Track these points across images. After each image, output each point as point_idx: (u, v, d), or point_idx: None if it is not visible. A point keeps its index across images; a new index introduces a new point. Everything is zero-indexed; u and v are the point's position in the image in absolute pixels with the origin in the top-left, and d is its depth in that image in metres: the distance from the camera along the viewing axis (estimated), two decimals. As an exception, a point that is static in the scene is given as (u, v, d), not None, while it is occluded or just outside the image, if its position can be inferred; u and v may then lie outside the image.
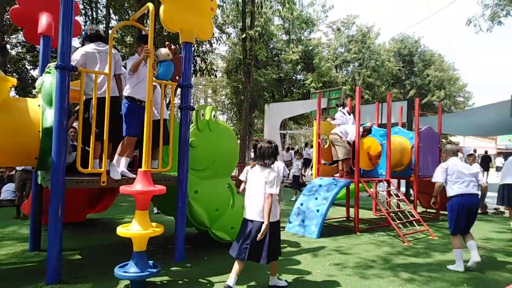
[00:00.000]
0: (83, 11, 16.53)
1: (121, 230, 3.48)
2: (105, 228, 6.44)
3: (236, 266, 3.45)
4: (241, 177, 5.76)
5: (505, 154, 28.98)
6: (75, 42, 7.28)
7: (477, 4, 12.99)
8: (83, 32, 4.32)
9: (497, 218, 8.24)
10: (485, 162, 19.39)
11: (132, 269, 3.46)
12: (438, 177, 4.72)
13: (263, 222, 3.34)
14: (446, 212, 8.47)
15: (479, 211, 5.26)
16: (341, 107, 7.53)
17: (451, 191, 4.61)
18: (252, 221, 3.44)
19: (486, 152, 20.81)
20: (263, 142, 3.63)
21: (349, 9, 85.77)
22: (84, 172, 3.80)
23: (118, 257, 3.93)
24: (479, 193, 4.61)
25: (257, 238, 3.31)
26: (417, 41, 40.02)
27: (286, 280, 3.75)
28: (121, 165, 4.17)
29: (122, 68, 4.43)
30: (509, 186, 6.82)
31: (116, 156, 4.16)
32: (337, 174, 7.10)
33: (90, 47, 4.17)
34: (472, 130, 18.79)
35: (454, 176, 4.59)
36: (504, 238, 6.20)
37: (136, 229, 3.48)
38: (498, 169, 21.52)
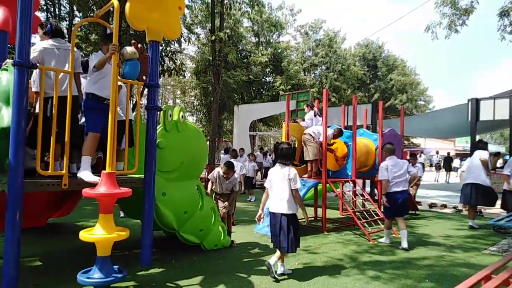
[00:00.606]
0: (44, 7, 15.81)
1: (84, 235, 3.35)
2: (68, 233, 6.17)
3: (277, 253, 4.04)
4: (210, 176, 5.72)
5: (462, 156, 30.63)
6: (35, 38, 6.95)
7: (435, 12, 13.62)
8: (48, 24, 4.11)
9: (456, 216, 8.65)
10: (448, 162, 20.46)
11: (96, 275, 3.34)
12: (384, 175, 5.63)
13: (289, 214, 3.92)
14: (410, 212, 8.81)
15: None
16: (312, 108, 7.65)
17: (389, 188, 5.62)
18: (277, 214, 3.97)
19: (448, 153, 21.95)
20: (283, 144, 4.15)
21: (316, 13, 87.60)
22: (44, 175, 3.63)
23: (81, 263, 3.78)
24: (408, 188, 5.72)
25: (305, 223, 4.28)
26: (381, 46, 41.47)
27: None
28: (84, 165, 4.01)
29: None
30: (473, 185, 7.14)
31: (83, 157, 3.99)
32: (306, 175, 7.20)
33: (49, 42, 3.98)
34: (432, 132, 19.74)
35: (391, 177, 5.59)
36: (462, 235, 6.53)
37: (99, 233, 3.36)
38: (455, 169, 22.64)
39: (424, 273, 4.28)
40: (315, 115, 7.48)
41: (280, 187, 3.97)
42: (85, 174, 3.89)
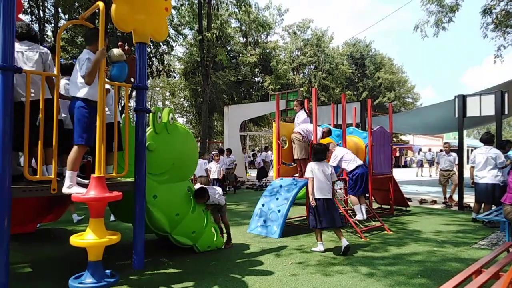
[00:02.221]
0: (28, 9, 15.55)
1: (75, 240, 3.32)
2: (58, 238, 6.08)
3: (318, 235, 5.17)
4: None
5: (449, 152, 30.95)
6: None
7: (422, 11, 13.79)
8: (17, 28, 3.96)
9: (445, 212, 8.76)
10: None
11: (88, 280, 3.30)
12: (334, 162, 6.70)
13: (330, 198, 5.09)
14: (401, 207, 8.88)
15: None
16: (303, 105, 7.60)
17: (351, 167, 6.62)
18: (324, 199, 5.02)
19: (441, 150, 22.32)
20: (317, 145, 5.47)
21: (304, 13, 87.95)
22: (32, 180, 3.56)
23: (73, 268, 3.74)
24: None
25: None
26: (368, 45, 41.85)
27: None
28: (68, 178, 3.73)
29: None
30: (494, 186, 6.93)
31: (69, 172, 3.69)
32: (297, 174, 7.21)
33: (16, 46, 3.83)
34: (420, 129, 19.95)
35: (346, 158, 6.65)
36: (452, 230, 6.61)
37: (90, 238, 3.33)
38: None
39: (416, 269, 4.33)
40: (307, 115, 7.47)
41: (325, 178, 5.09)
42: (75, 190, 3.60)
